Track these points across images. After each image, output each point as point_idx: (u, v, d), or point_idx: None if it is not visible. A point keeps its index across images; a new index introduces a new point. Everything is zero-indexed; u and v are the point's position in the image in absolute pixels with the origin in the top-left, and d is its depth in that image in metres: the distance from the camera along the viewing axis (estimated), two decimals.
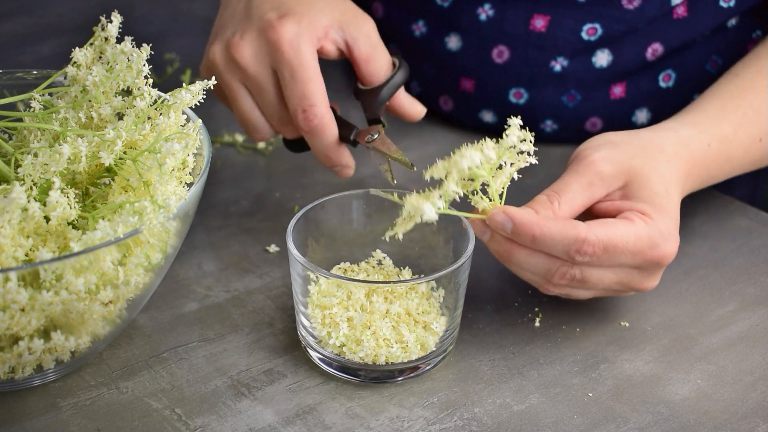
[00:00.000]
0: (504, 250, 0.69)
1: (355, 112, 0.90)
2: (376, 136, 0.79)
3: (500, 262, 0.70)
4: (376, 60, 0.82)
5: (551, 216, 0.69)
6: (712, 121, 0.81)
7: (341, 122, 0.80)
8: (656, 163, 0.73)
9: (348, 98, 0.91)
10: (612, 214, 0.71)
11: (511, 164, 0.68)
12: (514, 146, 0.67)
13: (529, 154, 0.68)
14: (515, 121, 0.67)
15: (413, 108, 0.85)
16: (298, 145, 0.84)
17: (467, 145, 0.66)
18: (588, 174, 0.71)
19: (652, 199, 0.71)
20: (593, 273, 0.69)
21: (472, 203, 0.68)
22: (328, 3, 0.81)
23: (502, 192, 0.68)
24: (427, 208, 0.63)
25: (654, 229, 0.69)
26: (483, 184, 0.67)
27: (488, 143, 0.66)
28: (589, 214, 0.73)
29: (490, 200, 0.68)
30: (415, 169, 0.78)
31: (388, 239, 0.68)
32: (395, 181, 0.80)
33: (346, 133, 0.80)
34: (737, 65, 0.87)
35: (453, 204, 0.67)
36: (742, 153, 0.82)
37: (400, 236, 0.67)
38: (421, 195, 0.65)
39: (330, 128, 0.79)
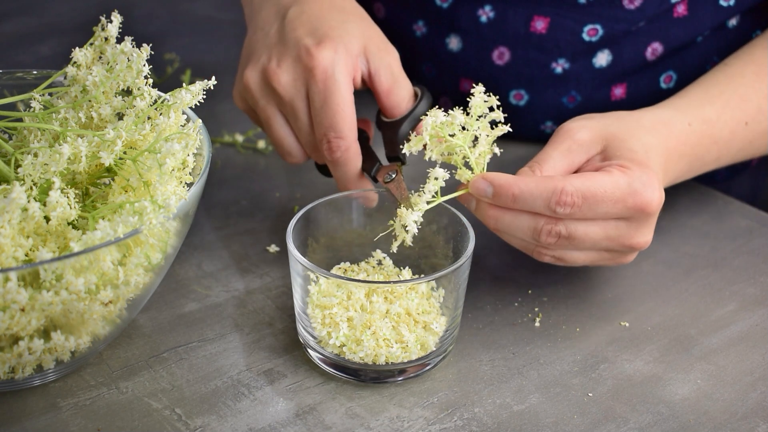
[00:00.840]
0: (490, 216, 0.70)
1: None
2: (394, 176, 0.77)
3: (491, 230, 0.72)
4: (397, 92, 0.80)
5: (529, 174, 0.70)
6: (693, 104, 0.81)
7: (367, 154, 0.79)
8: (634, 129, 0.74)
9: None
10: None
11: (487, 135, 0.70)
12: (482, 116, 0.70)
13: (500, 121, 0.70)
14: (479, 87, 0.70)
15: None
16: (329, 171, 0.83)
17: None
18: (566, 141, 0.73)
19: (630, 155, 0.72)
20: (578, 227, 0.69)
21: (456, 177, 0.71)
22: (359, 26, 0.80)
23: (484, 166, 0.71)
24: (409, 216, 0.68)
25: (633, 176, 0.69)
26: (465, 161, 0.70)
27: (456, 111, 0.70)
28: None
29: (472, 172, 0.71)
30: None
31: (395, 250, 0.70)
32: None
33: (368, 167, 0.79)
34: (729, 57, 0.87)
35: (443, 191, 0.70)
36: (728, 135, 0.82)
37: (409, 242, 0.69)
38: (413, 195, 0.70)
39: (353, 162, 0.78)
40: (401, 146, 0.79)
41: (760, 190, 1.10)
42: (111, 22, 0.70)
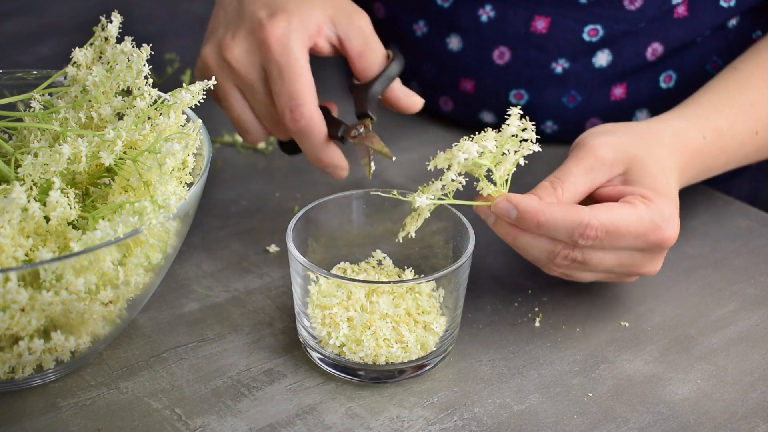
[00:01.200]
0: (508, 234, 0.70)
1: (351, 110, 0.90)
2: (362, 130, 0.79)
3: (505, 242, 0.71)
4: (369, 54, 0.81)
5: (554, 202, 0.70)
6: (707, 114, 0.81)
7: (331, 121, 0.80)
8: (654, 151, 0.74)
9: (347, 97, 0.91)
10: (614, 199, 0.72)
11: (515, 152, 0.69)
12: (515, 135, 0.68)
13: (532, 141, 0.69)
14: (515, 111, 0.69)
15: (409, 99, 0.84)
16: (293, 147, 0.84)
17: (468, 137, 0.68)
18: (589, 159, 0.72)
19: (652, 184, 0.71)
20: (594, 255, 0.70)
21: (477, 189, 0.70)
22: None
23: (507, 178, 0.69)
24: (419, 197, 0.67)
25: (655, 211, 0.69)
26: (488, 170, 0.69)
27: (489, 134, 0.68)
28: (591, 201, 0.73)
29: (495, 186, 0.69)
30: (394, 159, 0.79)
31: (401, 240, 0.70)
32: (372, 176, 0.80)
33: (335, 131, 0.79)
34: (737, 60, 0.88)
35: (457, 193, 0.69)
36: (738, 145, 0.82)
37: (413, 234, 0.69)
38: (424, 188, 0.68)
39: (318, 128, 0.78)
40: (369, 104, 0.80)
41: (761, 191, 1.10)
42: (111, 22, 0.70)
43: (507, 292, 0.79)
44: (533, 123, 0.69)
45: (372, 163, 0.80)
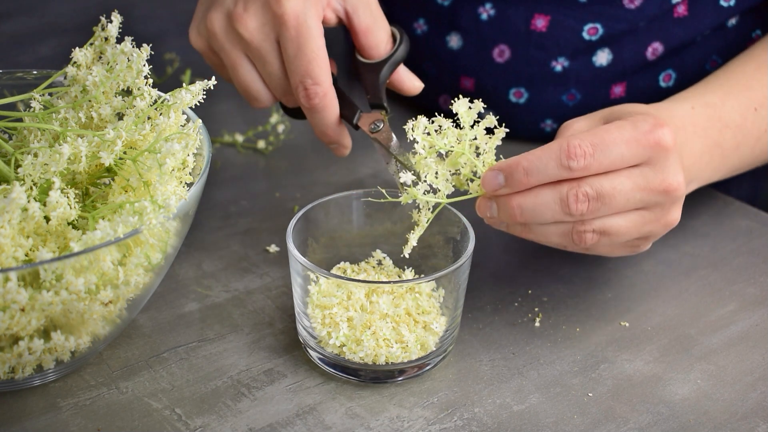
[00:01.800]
0: (513, 207, 0.68)
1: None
2: (381, 126, 0.78)
3: (520, 236, 0.70)
4: (376, 31, 0.80)
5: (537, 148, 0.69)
6: (693, 94, 0.80)
7: (344, 101, 0.79)
8: (631, 109, 0.72)
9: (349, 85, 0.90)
10: None
11: (486, 143, 0.70)
12: (477, 122, 0.70)
13: (496, 128, 0.69)
14: (461, 101, 0.70)
15: (412, 83, 0.83)
16: (298, 112, 0.83)
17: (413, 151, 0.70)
18: (565, 132, 0.71)
19: (633, 110, 0.70)
20: (603, 183, 0.67)
21: (470, 192, 0.70)
22: None
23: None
24: (404, 174, 0.69)
25: (637, 120, 0.68)
26: (472, 175, 0.70)
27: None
28: None
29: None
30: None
31: (407, 255, 0.70)
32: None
33: (349, 115, 0.78)
34: (730, 61, 0.87)
35: (454, 194, 0.70)
36: (739, 120, 0.80)
37: (414, 242, 0.70)
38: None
39: (331, 108, 0.78)
40: (382, 91, 0.79)
41: (760, 191, 1.09)
42: (111, 22, 0.70)
43: (507, 292, 0.79)
44: (480, 100, 0.69)
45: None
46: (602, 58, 0.94)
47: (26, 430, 0.65)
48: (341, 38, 1.12)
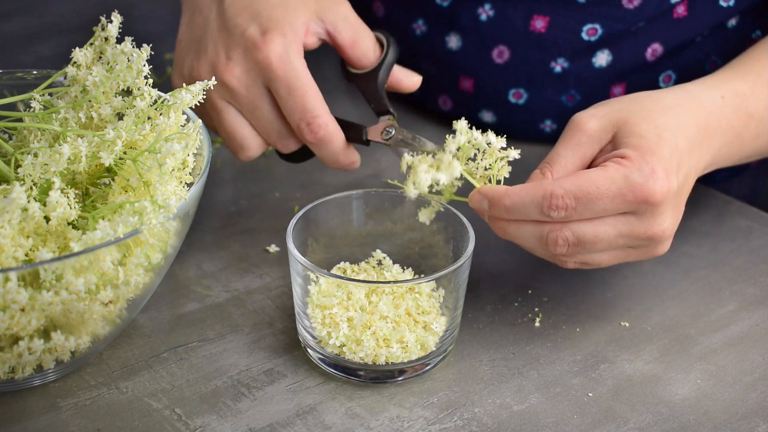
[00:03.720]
0: (496, 227, 0.70)
1: (349, 101, 0.89)
2: (392, 132, 0.78)
3: (505, 240, 0.71)
4: (361, 41, 0.80)
5: (540, 178, 0.69)
6: (724, 79, 0.78)
7: (345, 125, 0.79)
8: (648, 111, 0.71)
9: (339, 89, 0.89)
10: None
11: (491, 164, 0.70)
12: (474, 158, 0.70)
13: (502, 147, 0.69)
14: (461, 123, 0.69)
15: (410, 80, 0.83)
16: (296, 156, 0.83)
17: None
18: (575, 135, 0.71)
19: (637, 143, 0.68)
20: (585, 229, 0.67)
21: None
22: None
23: (501, 180, 0.70)
24: (411, 188, 0.67)
25: (631, 168, 0.66)
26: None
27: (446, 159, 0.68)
28: None
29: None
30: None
31: (428, 222, 0.71)
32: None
33: (356, 135, 0.79)
34: (759, 42, 0.85)
35: (457, 192, 0.71)
36: (763, 110, 0.78)
37: (428, 222, 0.71)
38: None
39: (337, 136, 0.78)
40: (384, 98, 0.80)
41: (760, 191, 1.10)
42: (111, 22, 0.70)
43: (507, 292, 0.79)
44: (479, 130, 0.69)
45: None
46: (601, 58, 0.94)
47: (26, 430, 0.65)
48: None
